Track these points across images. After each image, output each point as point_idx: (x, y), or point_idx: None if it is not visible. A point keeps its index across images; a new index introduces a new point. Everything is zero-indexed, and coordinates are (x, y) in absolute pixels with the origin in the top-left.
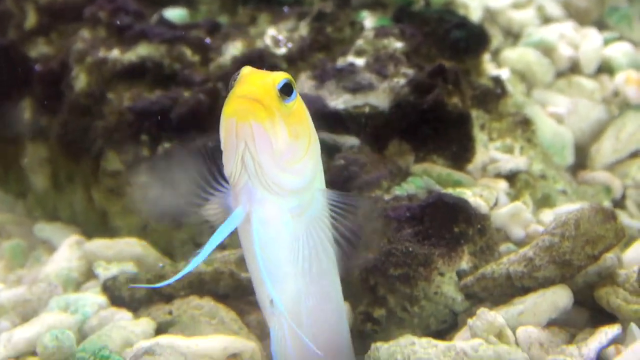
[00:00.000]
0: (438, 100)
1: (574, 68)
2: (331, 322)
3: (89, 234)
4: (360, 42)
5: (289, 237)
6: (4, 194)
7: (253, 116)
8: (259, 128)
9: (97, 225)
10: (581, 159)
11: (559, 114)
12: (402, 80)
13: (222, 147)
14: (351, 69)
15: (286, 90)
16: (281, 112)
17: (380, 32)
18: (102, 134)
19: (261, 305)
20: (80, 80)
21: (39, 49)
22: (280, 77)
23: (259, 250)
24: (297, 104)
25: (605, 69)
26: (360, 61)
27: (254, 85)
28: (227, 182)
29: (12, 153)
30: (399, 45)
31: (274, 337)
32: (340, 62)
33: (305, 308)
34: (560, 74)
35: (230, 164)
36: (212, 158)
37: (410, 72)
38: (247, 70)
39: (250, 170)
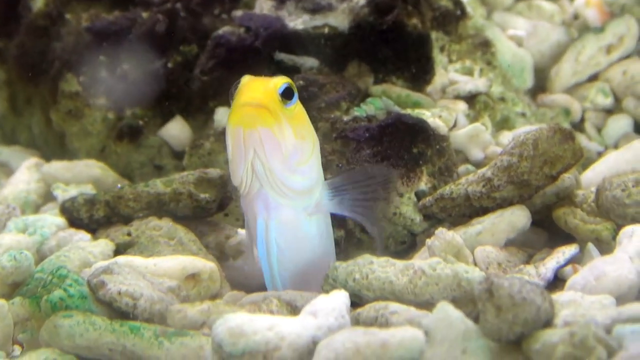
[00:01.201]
0: (397, 21)
1: None
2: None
3: (47, 156)
4: None
5: (309, 235)
6: None
7: (260, 122)
8: (268, 133)
9: (55, 147)
10: (541, 82)
11: (518, 37)
12: (361, 1)
13: (229, 156)
14: None
15: (288, 94)
16: (286, 116)
17: None
18: (60, 55)
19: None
20: (38, 1)
21: None
22: (281, 81)
23: (275, 255)
24: (298, 106)
25: None
26: None
27: (257, 92)
28: None
29: None
30: None
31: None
32: None
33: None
34: None
35: (240, 173)
36: None
37: None
38: (247, 78)
39: (262, 176)
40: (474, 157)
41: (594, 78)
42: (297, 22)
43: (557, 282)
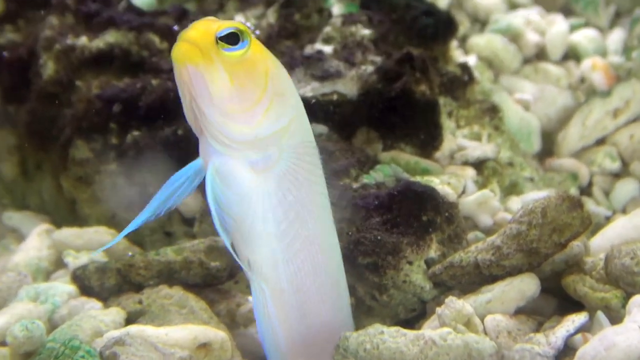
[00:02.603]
0: (406, 88)
1: (541, 54)
2: (323, 295)
3: (58, 222)
4: (328, 29)
5: (256, 194)
6: None
7: (188, 59)
8: (194, 71)
9: (66, 213)
10: (548, 146)
11: (525, 101)
12: (370, 68)
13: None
14: (319, 56)
15: (231, 40)
16: (221, 59)
17: (348, 19)
18: (71, 122)
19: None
20: (48, 67)
21: (6, 36)
22: (226, 25)
23: (213, 203)
24: (252, 55)
25: (572, 55)
26: (328, 48)
27: (196, 30)
28: None
29: None
30: (366, 32)
31: (255, 301)
32: (308, 49)
33: (285, 274)
34: (527, 60)
35: (186, 114)
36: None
37: (378, 59)
38: (201, 18)
39: (198, 117)
40: (482, 224)
41: (601, 142)
42: (306, 89)
43: (567, 350)
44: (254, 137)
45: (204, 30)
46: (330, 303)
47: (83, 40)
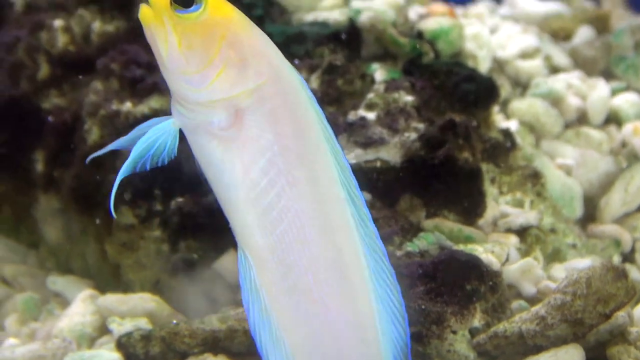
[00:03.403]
0: (449, 155)
1: (582, 118)
2: (320, 283)
3: (101, 287)
4: (371, 96)
5: (217, 158)
6: (16, 244)
7: (143, 19)
8: (148, 31)
9: (110, 278)
10: (590, 211)
11: (567, 166)
12: (413, 135)
13: None
14: (362, 123)
15: (184, 2)
16: (172, 21)
17: (391, 86)
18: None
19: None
20: (93, 132)
21: (52, 101)
22: None
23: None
24: (206, 18)
25: (613, 119)
26: (371, 115)
27: None
28: None
29: (24, 203)
30: (409, 98)
31: (240, 269)
32: (352, 116)
33: (265, 244)
34: (568, 125)
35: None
36: None
37: (421, 126)
38: None
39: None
40: (526, 292)
41: None
42: (350, 156)
43: None
44: (205, 99)
45: None
46: (334, 297)
47: (128, 105)
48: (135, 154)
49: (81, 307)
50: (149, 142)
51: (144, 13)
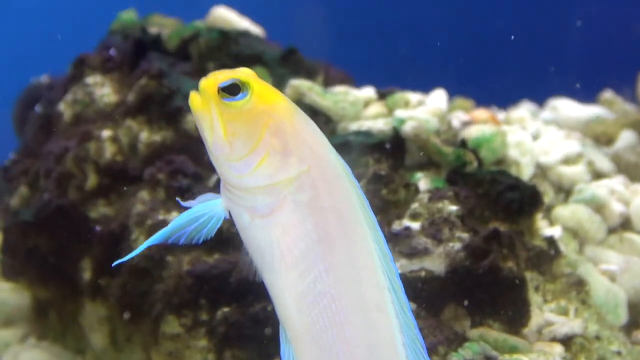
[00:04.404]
0: (493, 265)
1: (626, 224)
2: None
3: None
4: (415, 205)
5: (256, 240)
6: (62, 350)
7: (192, 105)
8: (196, 117)
9: None
10: (635, 317)
11: (611, 272)
12: (457, 245)
13: None
14: (407, 233)
15: (232, 90)
16: (218, 108)
17: (435, 195)
18: (162, 297)
19: None
20: (140, 242)
21: (99, 210)
22: (230, 76)
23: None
24: (251, 106)
25: None
26: (415, 225)
27: (205, 79)
28: None
29: (70, 310)
30: (453, 208)
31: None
32: (396, 225)
33: (301, 324)
34: (611, 230)
35: None
36: None
37: (465, 236)
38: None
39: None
40: None
41: None
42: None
43: None
44: (248, 185)
45: (209, 80)
46: None
47: (174, 215)
48: (175, 224)
49: None
50: (193, 216)
51: (193, 100)
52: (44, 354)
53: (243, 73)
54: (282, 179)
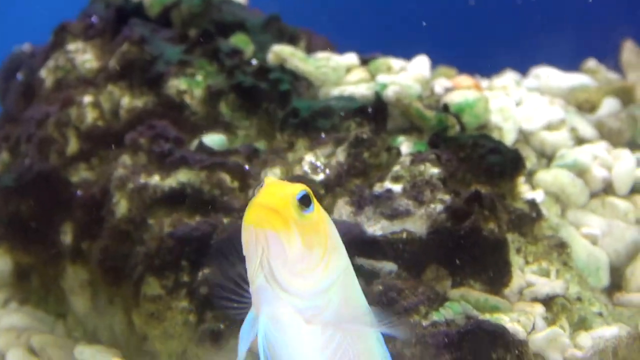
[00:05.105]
0: (475, 227)
1: (608, 189)
2: None
3: (128, 357)
4: (397, 168)
5: (301, 340)
6: (44, 314)
7: (270, 225)
8: (274, 237)
9: (137, 348)
10: (617, 280)
11: (593, 235)
12: (438, 207)
13: (244, 252)
14: (388, 195)
15: (304, 202)
16: (297, 223)
17: (417, 158)
18: (143, 259)
19: None
20: (121, 206)
21: (80, 175)
22: (298, 189)
23: (263, 350)
24: (316, 215)
25: (639, 189)
26: (397, 187)
27: (274, 195)
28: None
29: (52, 275)
30: (435, 171)
31: None
32: (378, 188)
33: None
34: (594, 195)
35: (252, 268)
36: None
37: (446, 198)
38: (269, 180)
39: (266, 273)
40: None
41: None
42: (376, 227)
43: None
44: (314, 292)
45: (282, 196)
46: None
47: (156, 179)
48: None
49: None
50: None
51: (271, 218)
52: (26, 318)
53: (302, 185)
54: (332, 282)
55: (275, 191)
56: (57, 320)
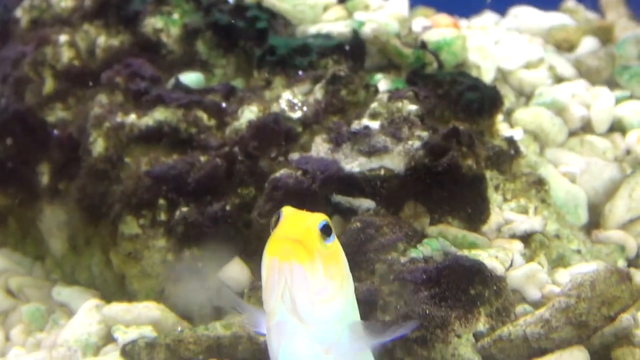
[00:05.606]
0: (452, 163)
1: (586, 127)
2: None
3: (107, 297)
4: (374, 105)
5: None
6: (22, 257)
7: (295, 256)
8: (299, 268)
9: (115, 288)
10: (595, 218)
11: (571, 173)
12: (416, 143)
13: (263, 284)
14: (366, 132)
15: (326, 232)
16: (320, 253)
17: (395, 95)
18: (120, 198)
19: None
20: (98, 145)
21: (57, 114)
22: (320, 219)
23: None
24: (334, 244)
25: (617, 127)
26: (375, 124)
27: (297, 227)
28: None
29: (29, 216)
30: (413, 107)
31: None
32: (355, 125)
33: None
34: (572, 133)
35: (272, 301)
36: None
37: (424, 134)
38: (288, 211)
39: (287, 305)
40: (530, 297)
41: None
42: (353, 164)
43: None
44: (332, 321)
45: (305, 227)
46: None
47: (132, 117)
48: None
49: (86, 316)
50: None
51: (296, 250)
52: (4, 260)
53: (321, 214)
54: (349, 305)
55: (297, 222)
56: (35, 262)
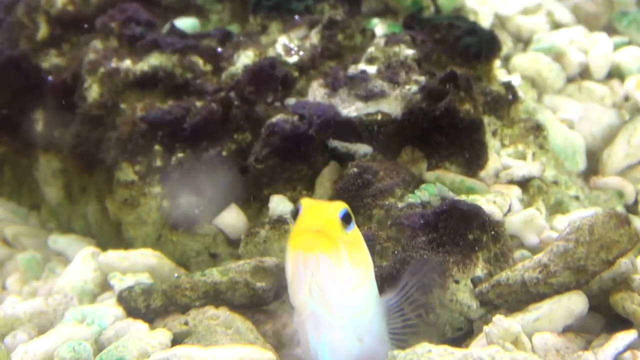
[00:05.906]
0: (450, 107)
1: (584, 73)
2: None
3: (103, 245)
4: (371, 50)
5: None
6: (17, 206)
7: (319, 248)
8: (325, 259)
9: (111, 236)
10: (593, 164)
11: (570, 120)
12: (413, 87)
13: (288, 278)
14: (363, 76)
15: (347, 220)
16: (343, 242)
17: (391, 39)
18: (116, 144)
19: None
20: (93, 91)
21: (51, 60)
22: (340, 207)
23: None
24: (355, 231)
25: (616, 73)
26: (371, 69)
27: (318, 218)
28: None
29: (24, 165)
30: (410, 52)
31: None
32: (352, 69)
33: None
34: (570, 80)
35: (300, 294)
36: None
37: (421, 79)
38: (307, 203)
39: (316, 298)
40: (529, 243)
41: None
42: (350, 109)
43: None
44: (362, 308)
45: (326, 217)
46: None
47: (127, 63)
48: None
49: (82, 264)
50: None
51: (321, 242)
52: None
53: (341, 202)
54: (374, 292)
55: (318, 213)
56: (31, 211)
